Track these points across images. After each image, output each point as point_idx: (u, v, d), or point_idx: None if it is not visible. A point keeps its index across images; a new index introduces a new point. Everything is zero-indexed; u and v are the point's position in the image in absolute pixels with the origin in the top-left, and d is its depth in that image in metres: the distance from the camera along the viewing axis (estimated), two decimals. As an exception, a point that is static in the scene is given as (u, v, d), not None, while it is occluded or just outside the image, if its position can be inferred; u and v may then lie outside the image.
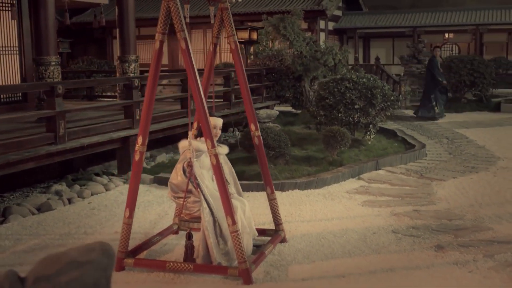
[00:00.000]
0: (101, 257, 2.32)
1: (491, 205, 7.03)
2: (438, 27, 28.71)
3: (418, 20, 29.41)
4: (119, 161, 8.85)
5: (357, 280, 4.77)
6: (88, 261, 2.28)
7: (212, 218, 4.94)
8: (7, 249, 5.64)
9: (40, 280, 2.23)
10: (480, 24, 27.80)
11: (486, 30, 28.05)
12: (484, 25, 27.81)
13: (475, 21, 28.00)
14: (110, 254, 2.36)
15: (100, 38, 30.90)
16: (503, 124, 13.71)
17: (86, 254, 2.31)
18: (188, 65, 4.61)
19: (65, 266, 2.25)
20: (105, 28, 30.05)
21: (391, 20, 30.00)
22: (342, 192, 7.77)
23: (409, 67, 22.89)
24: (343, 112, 10.54)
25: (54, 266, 2.26)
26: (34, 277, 2.25)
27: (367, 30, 30.33)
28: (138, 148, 4.87)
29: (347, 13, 30.70)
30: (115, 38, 31.37)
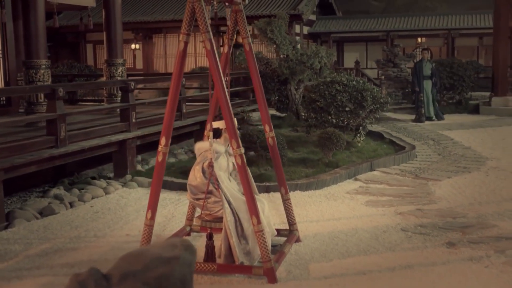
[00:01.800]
0: (185, 253, 2.34)
1: (490, 203, 7.20)
2: (411, 31, 29.17)
3: (391, 25, 29.85)
4: (115, 164, 8.79)
5: (378, 277, 4.85)
6: (174, 257, 2.30)
7: (233, 218, 4.97)
8: (19, 253, 5.57)
9: (128, 276, 2.24)
10: (452, 28, 28.35)
11: (457, 34, 28.61)
12: (455, 29, 28.37)
13: (447, 25, 28.54)
14: (193, 250, 2.38)
15: (73, 42, 30.57)
16: (484, 126, 14.01)
17: (169, 251, 2.33)
18: (213, 66, 4.64)
19: (151, 262, 2.27)
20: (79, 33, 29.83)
21: (365, 25, 30.38)
22: (342, 192, 7.86)
23: (385, 70, 23.19)
24: (334, 115, 10.67)
25: (140, 263, 2.27)
26: (120, 273, 2.26)
27: (341, 35, 30.63)
28: (161, 149, 4.87)
29: (321, 18, 30.99)
30: (88, 42, 31.12)
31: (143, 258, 2.27)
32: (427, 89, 15.28)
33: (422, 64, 15.43)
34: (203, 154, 5.17)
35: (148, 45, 29.94)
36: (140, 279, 2.21)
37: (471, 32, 28.27)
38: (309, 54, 13.24)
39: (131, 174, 8.73)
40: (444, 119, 15.24)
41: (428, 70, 15.38)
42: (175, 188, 8.12)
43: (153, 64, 30.05)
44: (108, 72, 11.74)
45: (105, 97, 11.73)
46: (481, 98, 19.14)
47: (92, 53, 30.84)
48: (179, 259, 2.29)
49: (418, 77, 15.33)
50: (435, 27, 28.65)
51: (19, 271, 5.08)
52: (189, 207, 5.95)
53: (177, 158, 10.41)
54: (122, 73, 11.77)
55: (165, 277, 2.23)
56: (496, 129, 13.54)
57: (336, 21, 30.96)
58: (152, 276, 2.21)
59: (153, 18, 28.32)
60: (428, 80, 15.30)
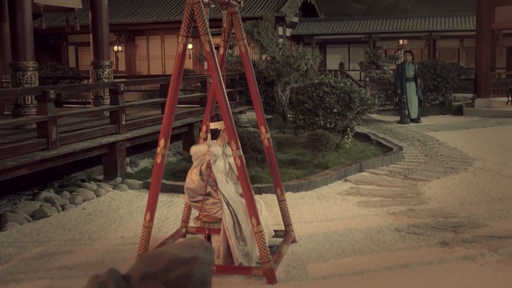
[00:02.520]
0: (204, 253, 2.35)
1: (480, 203, 7.30)
2: (393, 33, 29.43)
3: (373, 27, 30.09)
4: (105, 166, 8.75)
5: (376, 276, 4.90)
6: (193, 258, 2.30)
7: (232, 219, 4.99)
8: (14, 257, 5.53)
9: (148, 277, 2.24)
10: (433, 30, 28.66)
11: (439, 36, 28.94)
12: (437, 31, 28.68)
13: (428, 28, 28.85)
14: (211, 251, 2.39)
15: (55, 44, 30.35)
16: (468, 127, 14.19)
17: (188, 251, 2.34)
18: (213, 68, 4.65)
19: (170, 262, 2.27)
20: (60, 34, 29.63)
21: (347, 27, 30.58)
22: (333, 194, 7.91)
23: (369, 72, 23.38)
24: (322, 116, 10.74)
25: (159, 263, 2.27)
26: (139, 274, 2.26)
27: (324, 37, 30.80)
28: (160, 151, 4.87)
29: (303, 20, 31.14)
30: (70, 44, 30.92)
31: (163, 258, 2.27)
32: (410, 91, 15.29)
33: (405, 66, 15.54)
34: (200, 157, 5.17)
35: (130, 47, 29.82)
36: (160, 279, 2.21)
37: (452, 34, 28.60)
38: (296, 56, 13.30)
39: (121, 176, 8.70)
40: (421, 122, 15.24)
41: (411, 72, 15.44)
42: (166, 190, 8.09)
43: (135, 66, 29.95)
44: (94, 74, 11.69)
45: (92, 99, 11.68)
46: (463, 99, 19.41)
47: (74, 55, 30.65)
48: (198, 259, 2.29)
49: (401, 79, 15.37)
50: (416, 29, 28.95)
51: (16, 274, 5.04)
52: (185, 209, 5.95)
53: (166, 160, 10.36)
54: (109, 75, 11.73)
55: (186, 277, 2.24)
56: (480, 130, 13.72)
57: (319, 23, 31.13)
58: (172, 277, 2.21)
59: (136, 20, 28.23)
60: (411, 82, 15.38)
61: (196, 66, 27.92)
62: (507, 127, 14.34)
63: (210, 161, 5.01)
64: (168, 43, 29.52)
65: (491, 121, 15.20)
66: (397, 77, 15.66)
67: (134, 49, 29.85)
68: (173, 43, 29.44)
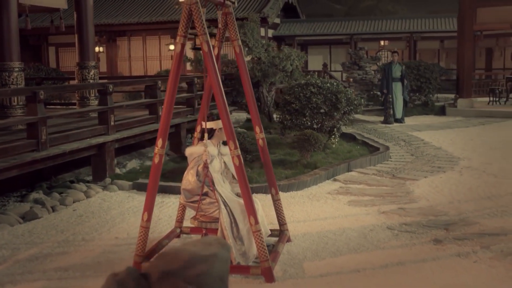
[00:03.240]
0: (222, 250, 2.36)
1: (469, 202, 7.40)
2: (374, 34, 29.66)
3: (355, 28, 30.29)
4: (94, 167, 8.71)
5: (372, 274, 4.95)
6: (212, 255, 2.32)
7: (229, 219, 5.01)
8: (8, 259, 5.48)
9: (168, 275, 2.25)
10: (414, 31, 28.94)
11: (419, 37, 29.23)
12: (417, 32, 28.97)
13: (409, 29, 29.12)
14: (229, 248, 2.41)
15: (35, 45, 30.05)
16: (452, 127, 14.36)
17: (206, 248, 2.35)
18: (210, 68, 4.67)
19: (190, 260, 2.28)
20: (40, 35, 29.35)
21: (329, 28, 30.75)
22: (324, 193, 7.96)
23: (351, 73, 23.54)
24: (309, 117, 10.79)
25: (178, 261, 2.28)
26: (159, 272, 2.27)
27: (305, 38, 30.93)
28: (158, 151, 4.88)
29: (285, 21, 31.23)
30: (51, 45, 30.67)
31: (181, 256, 2.28)
32: (396, 91, 15.46)
33: (392, 66, 15.63)
34: (196, 158, 5.18)
35: (112, 48, 29.64)
36: (181, 277, 2.22)
37: (432, 35, 28.90)
38: (281, 56, 13.35)
39: (110, 177, 8.66)
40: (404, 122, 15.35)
41: (398, 72, 15.52)
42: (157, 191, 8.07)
43: (117, 67, 29.78)
44: (80, 75, 11.62)
45: (77, 100, 11.60)
46: (444, 100, 19.63)
47: (54, 56, 30.40)
48: (217, 256, 2.31)
49: (387, 79, 15.49)
50: (397, 30, 29.21)
51: (12, 276, 5.01)
52: (179, 209, 5.96)
53: (154, 161, 10.33)
54: (94, 75, 11.67)
55: (205, 274, 2.25)
56: (463, 130, 13.90)
57: (300, 24, 31.25)
58: (192, 274, 2.23)
59: (117, 21, 28.08)
60: (398, 82, 15.48)
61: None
62: (489, 126, 14.55)
63: (207, 161, 5.02)
64: (150, 44, 29.41)
65: (474, 121, 15.41)
66: (383, 77, 15.79)
67: (116, 50, 29.69)
68: (155, 44, 29.35)
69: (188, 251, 2.34)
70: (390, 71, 15.53)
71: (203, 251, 2.34)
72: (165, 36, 28.53)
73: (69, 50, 30.07)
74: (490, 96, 17.83)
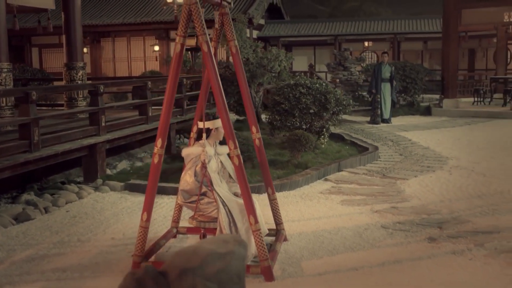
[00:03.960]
0: (239, 248, 2.39)
1: (460, 200, 7.49)
2: (358, 35, 29.83)
3: (339, 29, 30.44)
4: (85, 168, 8.67)
5: (370, 272, 5.00)
6: (229, 252, 2.34)
7: (228, 218, 5.03)
8: (5, 260, 5.45)
9: (187, 272, 2.27)
10: (398, 33, 29.15)
11: (403, 38, 29.45)
12: (401, 33, 29.19)
13: (393, 30, 29.33)
14: (246, 245, 2.43)
15: (18, 46, 29.75)
16: (438, 127, 14.50)
17: (223, 246, 2.38)
18: (210, 67, 4.68)
19: (207, 257, 2.30)
20: (23, 36, 29.08)
21: (313, 29, 30.87)
22: (316, 193, 8.01)
23: (336, 74, 23.67)
24: (299, 117, 10.84)
25: (196, 259, 2.30)
26: (178, 270, 2.29)
27: (290, 38, 31.01)
28: (158, 150, 4.88)
29: (269, 22, 31.30)
30: (34, 46, 30.43)
31: (199, 254, 2.30)
32: (384, 91, 15.50)
33: (381, 67, 15.66)
34: (194, 159, 5.19)
35: (96, 49, 29.47)
36: (199, 274, 2.24)
37: (416, 36, 29.13)
38: (270, 57, 13.39)
39: (101, 178, 8.63)
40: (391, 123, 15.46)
41: (387, 73, 15.56)
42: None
43: (101, 68, 29.62)
44: (68, 76, 11.55)
45: (65, 101, 11.53)
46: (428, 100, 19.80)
47: (38, 57, 30.16)
48: (234, 253, 2.33)
49: (376, 79, 15.51)
50: (381, 31, 29.41)
51: (10, 277, 4.98)
52: (175, 210, 5.96)
53: (143, 161, 10.32)
54: (82, 76, 11.61)
55: (224, 271, 2.27)
56: (450, 130, 14.04)
57: (285, 25, 31.33)
58: (211, 271, 2.25)
59: (101, 21, 27.94)
60: (387, 83, 15.54)
61: (163, 68, 27.78)
62: (475, 126, 14.72)
63: (205, 161, 5.04)
64: (134, 45, 29.29)
65: (459, 121, 15.58)
66: (373, 77, 15.80)
67: (100, 51, 29.52)
68: (139, 45, 29.24)
69: (205, 249, 2.36)
70: (379, 72, 15.56)
71: (220, 248, 2.37)
72: (149, 37, 28.43)
73: (53, 51, 29.89)
74: (474, 96, 18.03)
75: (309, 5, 35.68)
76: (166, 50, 28.23)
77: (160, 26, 27.80)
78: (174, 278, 2.29)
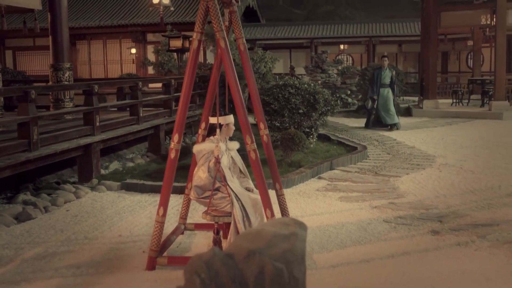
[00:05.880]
0: (300, 229, 2.46)
1: (454, 196, 7.68)
2: (334, 38, 30.17)
3: (315, 32, 30.75)
4: (80, 168, 8.64)
5: (382, 264, 5.12)
6: (292, 234, 2.42)
7: (241, 213, 5.09)
8: (14, 258, 5.42)
9: (254, 254, 2.33)
10: (373, 36, 29.58)
11: (378, 41, 29.88)
12: (376, 36, 29.62)
13: (368, 33, 29.77)
14: (306, 227, 2.51)
15: (-11, 48, 29.37)
16: (420, 127, 14.78)
17: (285, 228, 2.45)
18: (227, 64, 4.75)
19: (272, 239, 2.37)
20: (-5, 38, 28.70)
21: (289, 32, 31.13)
22: (312, 190, 8.12)
23: (314, 76, 23.89)
24: (288, 117, 10.96)
25: (261, 240, 2.37)
26: (245, 251, 2.35)
27: (266, 41, 31.18)
28: (174, 146, 4.92)
29: (246, 25, 31.43)
30: (8, 48, 30.03)
31: (264, 235, 2.37)
32: (382, 97, 14.39)
33: (381, 72, 14.58)
34: (206, 155, 5.24)
35: (71, 52, 29.10)
36: (267, 255, 2.31)
37: (391, 39, 29.60)
38: (256, 59, 13.49)
39: (96, 178, 8.61)
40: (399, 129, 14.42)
41: (387, 79, 14.47)
42: (147, 190, 8.12)
43: (77, 71, 29.35)
44: (54, 77, 11.48)
45: (51, 103, 11.45)
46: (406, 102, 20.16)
47: (11, 59, 29.75)
48: (297, 235, 2.40)
49: (376, 84, 14.43)
50: (357, 34, 29.81)
51: (23, 274, 4.96)
52: (183, 206, 6.00)
53: (134, 162, 10.31)
54: (69, 77, 11.55)
55: (290, 252, 2.34)
56: (432, 130, 14.32)
57: (261, 28, 31.53)
58: (278, 252, 2.31)
59: (77, 24, 27.70)
60: (386, 88, 14.43)
61: (140, 71, 27.67)
62: (456, 126, 15.05)
63: (218, 156, 5.10)
64: (111, 47, 29.14)
65: (440, 121, 15.89)
66: (372, 82, 14.74)
67: (75, 54, 29.24)
68: (116, 48, 29.10)
69: (269, 231, 2.43)
70: (379, 77, 14.47)
71: (283, 230, 2.44)
72: (126, 40, 28.32)
73: (27, 54, 29.54)
74: (453, 97, 18.40)
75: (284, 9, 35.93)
76: (143, 53, 28.11)
77: (137, 28, 27.72)
78: (242, 258, 2.35)
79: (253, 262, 2.34)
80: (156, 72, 25.11)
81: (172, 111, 11.98)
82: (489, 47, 23.56)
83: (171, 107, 11.99)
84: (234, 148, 5.58)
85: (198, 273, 2.31)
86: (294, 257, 2.38)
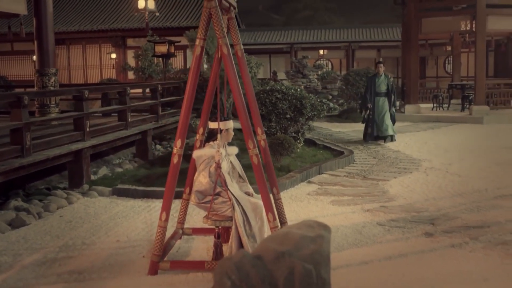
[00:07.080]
0: (324, 231, 2.55)
1: (443, 199, 7.83)
2: (314, 43, 30.41)
3: (295, 37, 30.96)
4: (71, 174, 8.61)
5: (381, 266, 5.21)
6: (319, 236, 2.50)
7: (242, 217, 5.15)
8: (14, 265, 5.41)
9: (283, 255, 2.41)
10: (352, 41, 29.89)
11: (357, 47, 30.20)
12: (355, 42, 29.93)
13: (347, 38, 30.07)
14: (330, 229, 2.59)
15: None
16: (403, 132, 14.96)
17: (311, 230, 2.53)
18: (230, 70, 4.82)
19: (300, 241, 2.45)
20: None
21: (269, 37, 31.29)
22: (304, 194, 8.21)
23: (295, 81, 24.07)
24: (275, 122, 11.04)
25: (290, 242, 2.45)
26: (274, 253, 2.42)
27: (246, 46, 31.05)
28: (177, 151, 4.97)
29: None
30: (-16, 53, 29.63)
31: (291, 237, 2.44)
32: (377, 107, 13.13)
33: (375, 79, 13.24)
34: (206, 160, 5.29)
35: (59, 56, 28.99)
36: (296, 256, 2.39)
37: (370, 45, 29.94)
38: (241, 64, 13.55)
39: (87, 184, 8.59)
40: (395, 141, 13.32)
41: (383, 86, 13.15)
42: (139, 196, 8.13)
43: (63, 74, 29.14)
44: (40, 82, 11.43)
45: (37, 108, 11.39)
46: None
47: (-12, 64, 29.42)
48: (323, 237, 2.48)
49: (370, 93, 13.18)
50: (336, 39, 30.08)
51: (26, 281, 4.96)
52: (181, 211, 6.04)
53: (123, 167, 10.29)
54: (54, 83, 11.51)
55: (317, 253, 2.42)
56: (415, 134, 14.54)
57: (241, 33, 31.36)
58: (306, 253, 2.39)
59: (57, 29, 27.38)
60: (381, 97, 13.16)
61: (120, 76, 27.57)
62: (438, 130, 15.28)
63: (219, 161, 5.15)
64: (90, 52, 28.99)
65: (422, 125, 16.12)
66: (366, 91, 13.45)
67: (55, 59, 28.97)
68: (95, 53, 28.95)
69: (295, 233, 2.51)
70: (373, 84, 13.17)
71: (309, 232, 2.52)
72: (106, 45, 28.20)
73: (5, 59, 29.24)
74: (433, 102, 18.68)
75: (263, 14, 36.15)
76: (123, 58, 28.02)
77: (117, 33, 27.64)
78: (271, 260, 2.42)
79: (282, 263, 2.42)
80: (136, 77, 25.05)
81: (159, 116, 11.99)
82: (467, 52, 24.04)
83: (158, 112, 11.99)
84: (233, 153, 5.67)
85: (229, 275, 2.38)
86: (322, 258, 2.46)
